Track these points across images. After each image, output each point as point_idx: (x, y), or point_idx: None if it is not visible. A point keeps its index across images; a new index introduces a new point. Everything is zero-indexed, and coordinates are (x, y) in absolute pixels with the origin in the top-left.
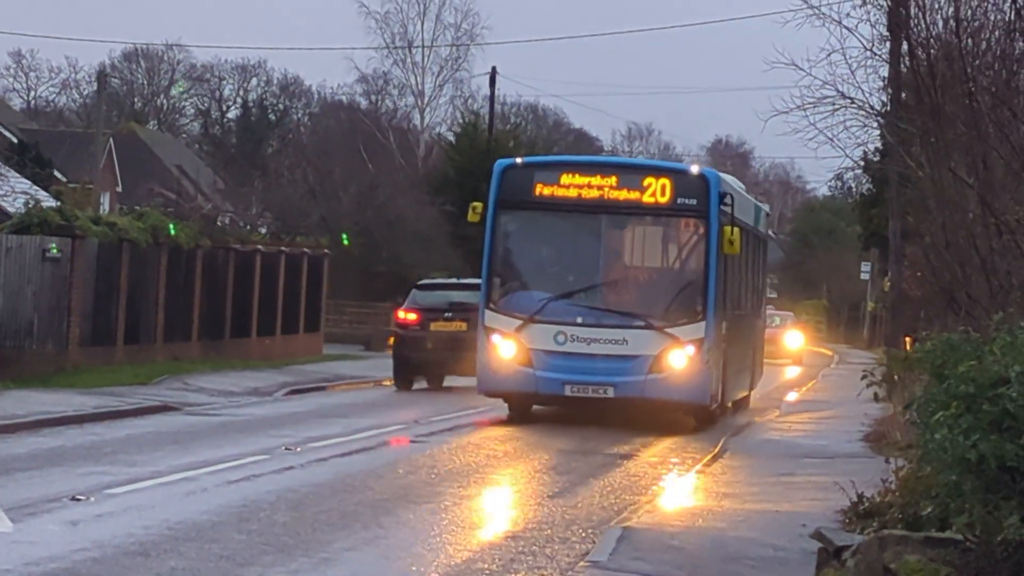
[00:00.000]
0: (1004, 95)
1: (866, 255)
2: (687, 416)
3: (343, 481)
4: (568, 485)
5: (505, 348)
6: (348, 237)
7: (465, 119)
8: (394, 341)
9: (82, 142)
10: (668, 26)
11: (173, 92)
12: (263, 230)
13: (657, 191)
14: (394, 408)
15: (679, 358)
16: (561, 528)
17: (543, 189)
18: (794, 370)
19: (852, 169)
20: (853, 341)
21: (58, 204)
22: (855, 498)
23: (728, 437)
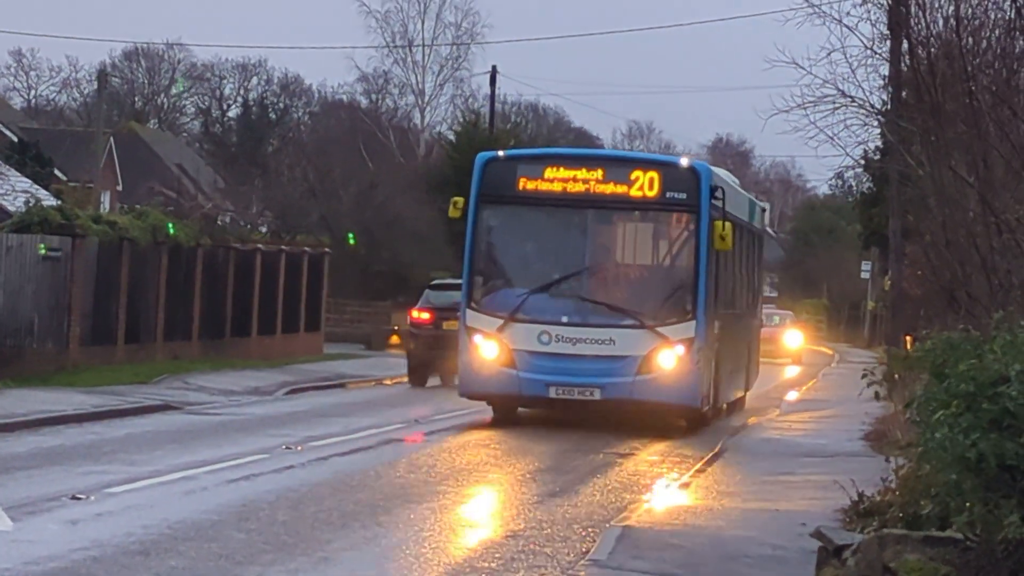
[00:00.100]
0: (1004, 94)
1: (866, 254)
2: (678, 419)
3: (343, 480)
4: (568, 484)
5: (487, 349)
6: (354, 237)
7: (465, 118)
8: (408, 340)
9: (82, 141)
10: (668, 25)
11: (174, 91)
12: (263, 229)
13: (645, 185)
14: (394, 407)
15: (668, 358)
16: (561, 527)
17: (527, 183)
18: (793, 369)
19: (852, 168)
20: (853, 340)
21: (58, 203)
22: (855, 497)
23: (727, 437)
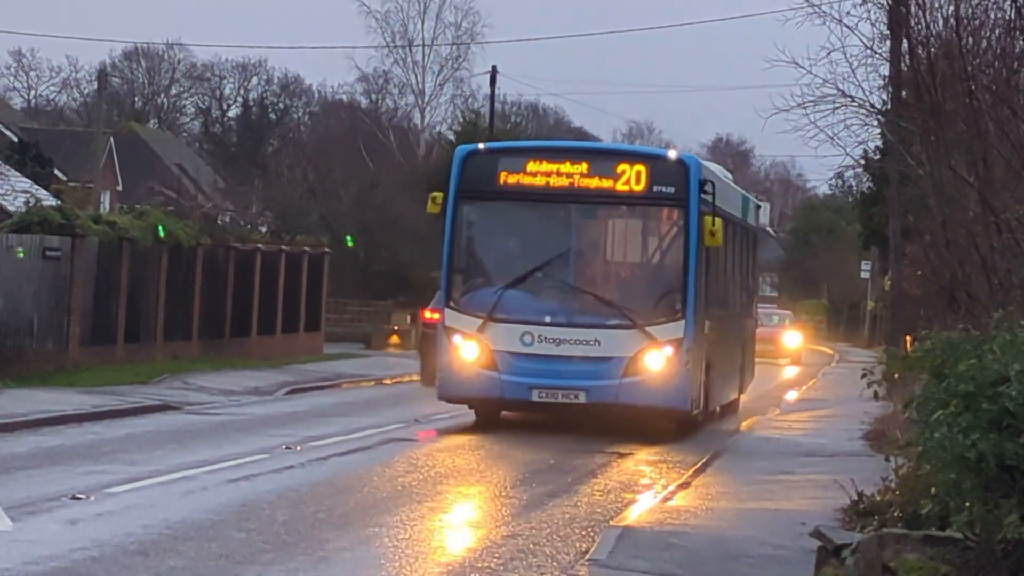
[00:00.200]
0: (1004, 93)
1: (866, 254)
2: (668, 423)
3: (342, 480)
4: (568, 483)
5: (467, 350)
6: (353, 239)
7: (465, 118)
8: (421, 339)
9: (82, 141)
10: (668, 25)
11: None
12: (263, 229)
13: (632, 178)
14: (394, 407)
15: (656, 360)
16: (561, 526)
17: (508, 177)
18: (793, 370)
19: (852, 167)
20: (853, 340)
21: (58, 203)
22: (855, 496)
23: (727, 437)
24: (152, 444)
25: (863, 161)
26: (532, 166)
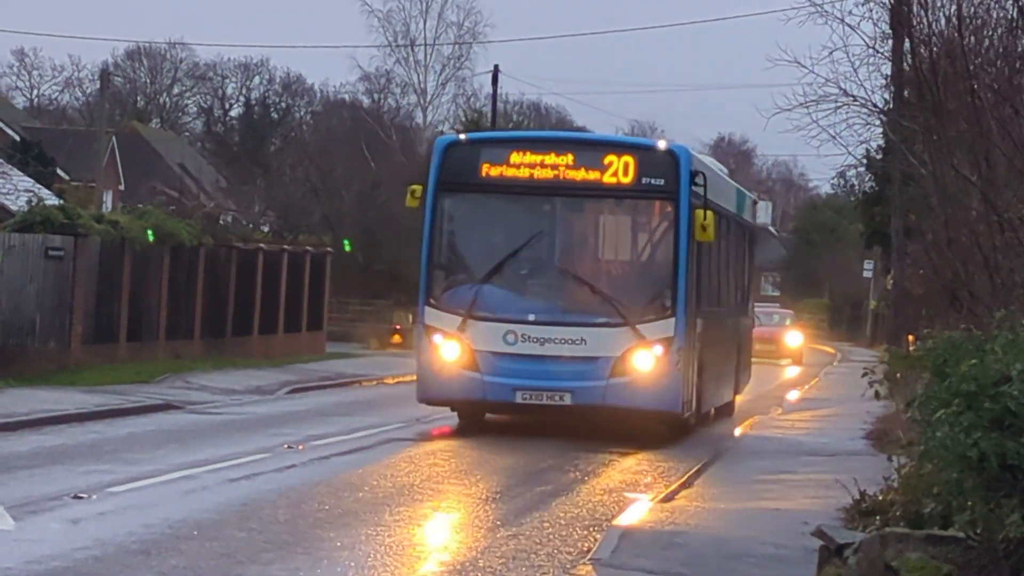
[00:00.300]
0: (1006, 92)
1: (869, 253)
2: (658, 426)
3: (344, 479)
4: (571, 483)
5: (448, 350)
6: (351, 243)
7: (467, 117)
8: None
9: (85, 140)
10: (670, 24)
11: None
12: (265, 228)
13: (620, 170)
14: (396, 406)
15: (645, 360)
16: (562, 526)
17: (490, 169)
18: (794, 370)
19: (855, 167)
20: (855, 339)
21: (61, 202)
22: (857, 496)
23: (723, 438)
24: (154, 443)
25: (865, 160)
26: (515, 157)
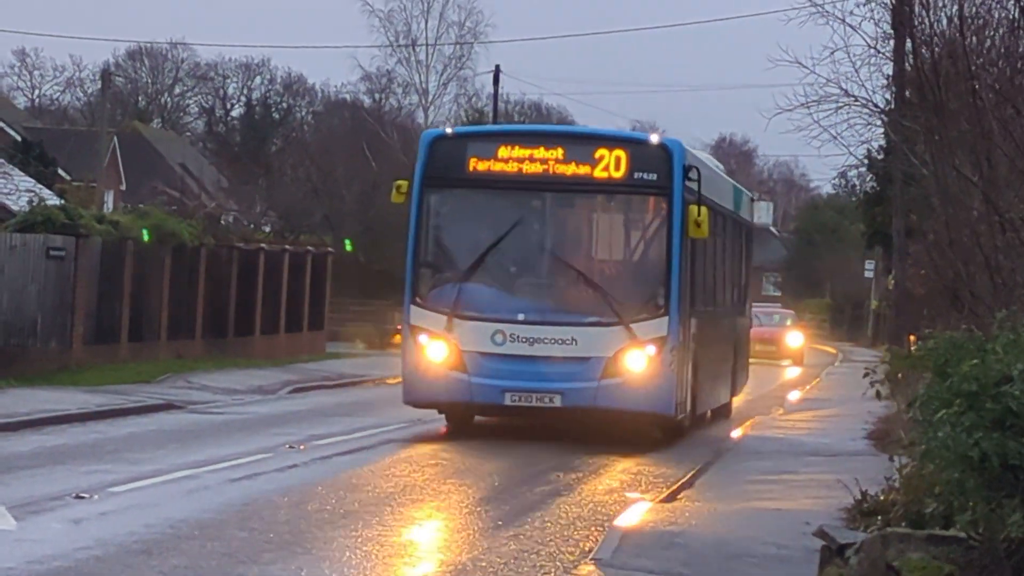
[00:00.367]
0: (1008, 92)
1: (870, 253)
2: (651, 428)
3: (346, 479)
4: (574, 482)
5: (434, 350)
6: (352, 243)
7: (469, 118)
8: None
9: (86, 140)
10: (671, 24)
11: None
12: (267, 229)
13: (611, 164)
14: (397, 407)
15: (638, 360)
16: (564, 526)
17: (478, 164)
18: (795, 370)
19: (856, 167)
20: (857, 339)
21: (62, 202)
22: (858, 496)
23: (720, 441)
24: (155, 443)
25: (866, 161)
26: (504, 151)
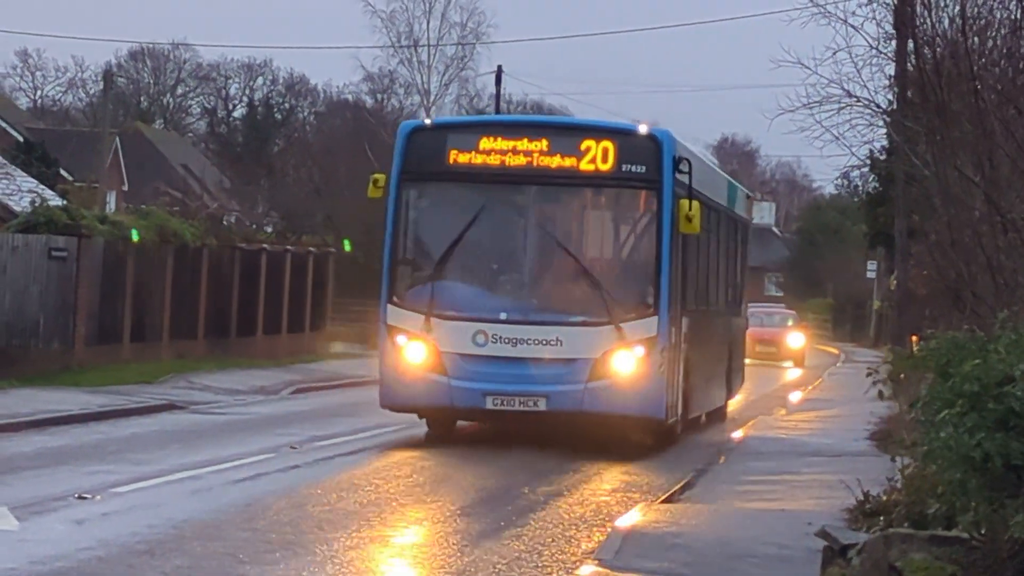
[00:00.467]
0: (1010, 93)
1: (872, 254)
2: (642, 434)
3: (348, 480)
4: (573, 484)
5: (412, 352)
6: (351, 243)
7: None
8: None
9: (88, 141)
10: (673, 24)
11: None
12: (269, 229)
13: (598, 156)
14: None
15: (626, 361)
16: (566, 526)
17: (458, 156)
18: (796, 372)
19: (858, 167)
20: (859, 340)
21: (64, 203)
22: (861, 496)
23: (719, 443)
24: (158, 444)
25: (869, 161)
26: (485, 143)
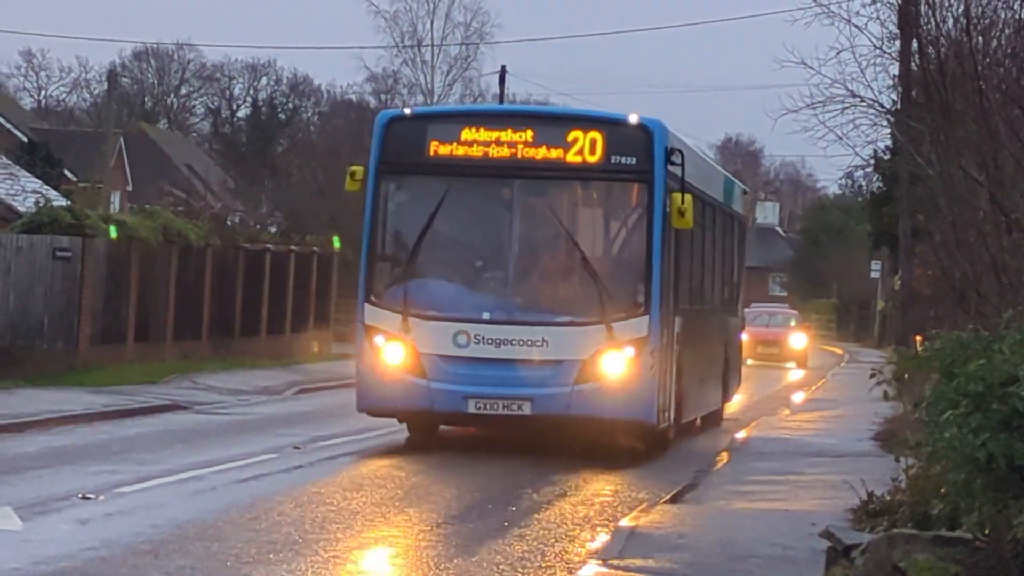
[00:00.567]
0: (1014, 93)
1: (876, 253)
2: (632, 438)
3: (352, 480)
4: (576, 485)
5: (390, 353)
6: (340, 240)
7: None
8: None
9: (92, 141)
10: (677, 24)
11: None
12: (273, 229)
13: (585, 147)
14: None
15: (615, 363)
16: (571, 526)
17: (439, 148)
18: (798, 373)
19: (862, 167)
20: (863, 340)
21: (68, 203)
22: (864, 497)
23: (734, 436)
24: (161, 444)
25: (873, 161)
26: (467, 134)
